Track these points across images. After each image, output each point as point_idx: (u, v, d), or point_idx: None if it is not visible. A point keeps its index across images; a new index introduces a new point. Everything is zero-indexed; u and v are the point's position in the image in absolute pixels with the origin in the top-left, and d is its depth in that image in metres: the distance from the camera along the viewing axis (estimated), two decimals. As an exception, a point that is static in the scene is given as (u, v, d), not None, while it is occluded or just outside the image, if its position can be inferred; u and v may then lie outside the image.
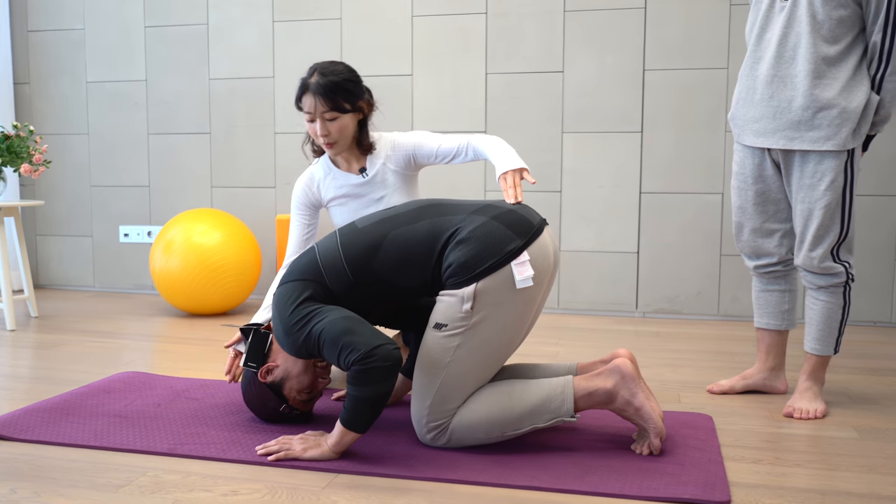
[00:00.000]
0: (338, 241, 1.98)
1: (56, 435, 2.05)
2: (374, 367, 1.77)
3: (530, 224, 1.94)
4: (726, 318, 3.74)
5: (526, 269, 1.87)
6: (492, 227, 1.90)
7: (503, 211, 1.95)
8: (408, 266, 1.92)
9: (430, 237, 1.92)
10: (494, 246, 1.88)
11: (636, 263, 3.82)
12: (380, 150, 2.50)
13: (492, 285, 1.87)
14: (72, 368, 2.81)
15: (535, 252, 1.91)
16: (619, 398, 1.91)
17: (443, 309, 1.91)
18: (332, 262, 1.95)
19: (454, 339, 1.90)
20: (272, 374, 2.07)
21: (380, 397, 1.80)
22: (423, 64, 3.99)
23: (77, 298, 4.31)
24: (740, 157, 2.44)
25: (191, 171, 4.36)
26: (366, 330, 1.82)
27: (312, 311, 1.90)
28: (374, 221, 2.00)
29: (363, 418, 1.82)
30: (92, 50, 4.44)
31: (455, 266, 1.88)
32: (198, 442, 2.00)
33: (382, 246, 1.93)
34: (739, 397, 2.45)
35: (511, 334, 1.93)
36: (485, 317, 1.88)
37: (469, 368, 1.91)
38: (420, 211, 1.99)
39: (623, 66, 3.75)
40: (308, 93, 2.34)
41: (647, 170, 3.77)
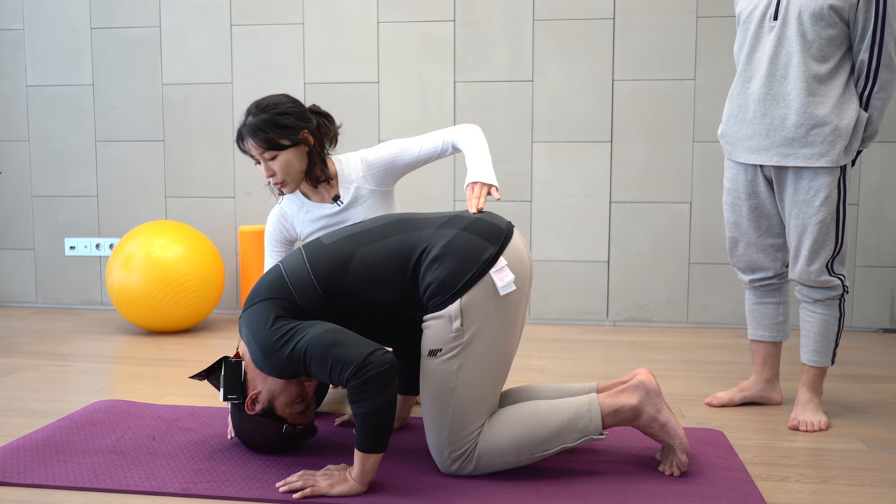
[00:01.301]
0: (304, 257, 1.93)
1: (53, 477, 1.91)
2: (372, 377, 1.72)
3: (500, 229, 1.92)
4: (696, 325, 3.81)
5: (506, 275, 1.85)
6: (464, 239, 1.87)
7: (471, 220, 1.93)
8: (379, 283, 1.88)
9: (400, 253, 1.89)
10: (470, 257, 1.85)
11: (606, 272, 3.84)
12: (348, 173, 2.39)
13: (476, 297, 1.84)
14: (41, 397, 2.63)
15: (510, 256, 1.89)
16: (645, 414, 1.90)
17: (433, 334, 1.86)
18: (300, 279, 1.89)
19: (453, 362, 1.85)
20: (259, 402, 1.98)
21: (386, 406, 1.74)
22: (390, 71, 3.91)
23: (20, 316, 4.07)
24: (732, 174, 2.46)
25: (143, 181, 4.16)
26: (352, 340, 1.77)
27: (291, 329, 1.83)
28: (340, 238, 1.95)
29: (378, 434, 1.76)
30: (33, 52, 4.19)
31: (435, 285, 1.84)
32: (211, 480, 1.90)
33: (352, 263, 1.89)
34: (739, 409, 2.48)
35: (507, 343, 1.90)
36: (477, 331, 1.84)
37: (476, 388, 1.86)
38: (388, 227, 1.95)
39: (593, 76, 3.77)
40: (244, 138, 2.25)
41: (617, 179, 3.80)
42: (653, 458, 2.03)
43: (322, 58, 3.96)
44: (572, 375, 2.90)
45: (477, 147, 2.25)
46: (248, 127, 2.23)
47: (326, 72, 3.96)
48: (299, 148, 2.28)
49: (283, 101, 2.27)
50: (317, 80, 3.97)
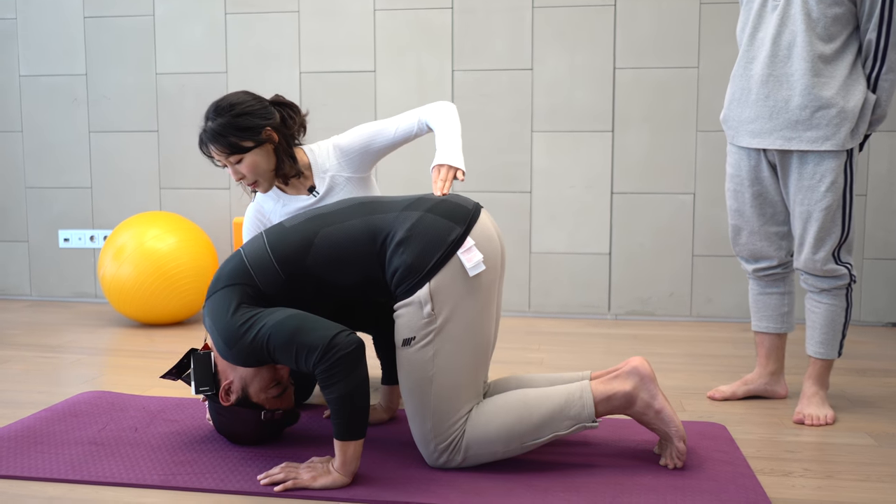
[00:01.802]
0: (265, 241, 1.87)
1: (28, 468, 1.84)
2: (339, 359, 1.66)
3: (466, 210, 1.86)
4: (700, 319, 3.72)
5: (474, 255, 1.79)
6: (429, 221, 1.81)
7: (435, 202, 1.88)
8: (343, 264, 1.83)
9: (363, 235, 1.83)
10: (436, 239, 1.79)
11: (608, 265, 3.77)
12: (322, 162, 2.32)
13: (445, 280, 1.78)
14: (26, 388, 2.57)
15: (478, 236, 1.83)
16: (639, 401, 1.82)
17: (405, 322, 1.80)
18: (260, 263, 1.84)
19: (428, 350, 1.79)
20: (233, 392, 1.91)
21: (358, 388, 1.68)
22: (387, 60, 3.84)
23: (13, 308, 4.01)
24: (735, 160, 2.39)
25: (137, 172, 4.10)
26: (315, 324, 1.72)
27: (252, 316, 1.77)
28: (302, 220, 1.89)
29: (354, 419, 1.69)
30: (25, 41, 4.13)
31: (402, 270, 1.79)
32: (191, 471, 1.83)
33: (314, 243, 1.83)
34: (742, 403, 2.41)
35: (483, 325, 1.83)
36: (449, 315, 1.78)
37: (456, 374, 1.79)
38: (351, 209, 1.89)
39: (594, 64, 3.69)
40: (206, 142, 2.16)
41: (619, 170, 3.72)
42: (650, 451, 1.96)
43: (318, 46, 3.89)
44: (572, 369, 2.83)
45: (447, 127, 2.18)
46: (208, 133, 2.14)
47: (322, 61, 3.89)
48: (264, 147, 2.19)
49: (241, 101, 2.16)
50: (312, 70, 3.90)
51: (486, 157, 3.79)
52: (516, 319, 3.76)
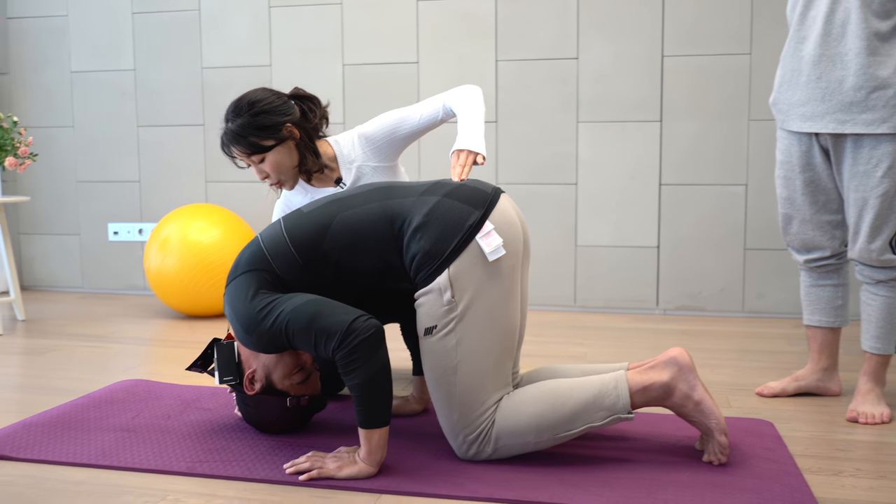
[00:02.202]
0: (282, 227, 1.84)
1: (59, 453, 1.84)
2: (358, 344, 1.63)
3: (485, 194, 1.81)
4: (752, 315, 3.59)
5: (494, 240, 1.73)
6: (446, 206, 1.77)
7: (454, 187, 1.82)
8: (360, 248, 1.78)
9: (381, 220, 1.79)
10: (454, 224, 1.74)
11: (656, 258, 3.66)
12: (347, 153, 2.28)
13: (464, 265, 1.72)
14: (67, 376, 2.60)
15: (497, 220, 1.77)
16: (678, 392, 1.74)
17: (426, 311, 1.75)
18: (278, 248, 1.81)
19: (450, 338, 1.73)
20: (257, 380, 1.89)
21: (379, 374, 1.64)
22: (429, 51, 3.80)
23: (65, 300, 4.08)
24: (785, 145, 2.28)
25: (183, 166, 4.14)
26: (333, 309, 1.68)
27: (270, 302, 1.75)
28: (320, 205, 1.86)
29: (376, 405, 1.65)
30: (76, 38, 4.21)
31: (420, 256, 1.74)
32: (219, 459, 1.81)
33: (332, 227, 1.80)
34: (792, 400, 2.30)
35: (506, 312, 1.77)
36: (470, 301, 1.72)
37: (480, 363, 1.74)
38: (369, 194, 1.85)
39: (640, 52, 3.59)
40: (227, 144, 2.14)
41: (667, 160, 3.61)
42: (690, 447, 1.87)
43: (361, 38, 3.86)
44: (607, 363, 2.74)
45: (469, 111, 2.12)
46: (228, 134, 2.12)
47: (365, 53, 3.86)
48: (285, 145, 2.16)
49: (259, 98, 2.13)
50: (355, 62, 3.87)
51: (530, 148, 3.72)
52: (561, 314, 3.68)
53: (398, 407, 2.15)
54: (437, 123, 2.25)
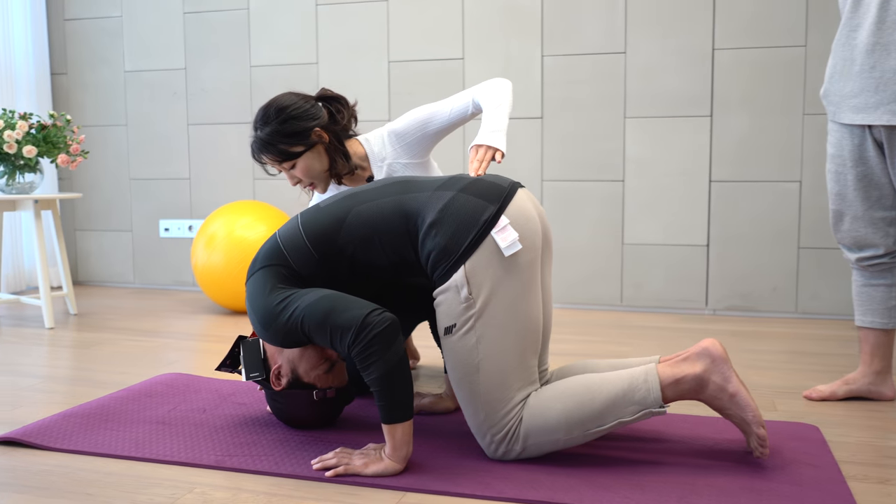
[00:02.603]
0: (299, 222, 1.84)
1: (94, 444, 1.87)
2: (374, 338, 1.61)
3: (500, 188, 1.77)
4: (805, 316, 3.47)
5: (509, 234, 1.69)
6: (461, 201, 1.74)
7: (469, 182, 1.79)
8: (375, 243, 1.77)
9: (396, 215, 1.77)
10: (469, 220, 1.71)
11: (706, 257, 3.57)
12: (378, 151, 2.27)
13: (480, 261, 1.69)
14: (111, 369, 2.64)
15: (513, 214, 1.73)
16: (711, 384, 1.68)
17: (444, 310, 1.73)
18: (294, 243, 1.81)
19: (471, 336, 1.70)
20: (283, 376, 1.89)
21: (396, 367, 1.62)
22: (475, 47, 3.77)
23: (117, 295, 4.17)
24: (837, 138, 2.18)
25: (232, 163, 4.19)
26: (347, 304, 1.67)
27: (287, 297, 1.75)
28: (337, 199, 1.86)
29: (397, 399, 1.63)
30: (130, 38, 4.29)
31: (436, 254, 1.71)
32: (248, 454, 1.81)
33: (346, 220, 1.79)
34: (842, 405, 2.20)
35: (527, 307, 1.72)
36: (489, 298, 1.69)
37: (503, 361, 1.70)
38: (385, 188, 1.83)
39: (690, 46, 3.50)
40: (257, 152, 2.15)
41: (718, 156, 3.51)
42: (729, 450, 1.81)
43: (406, 35, 3.85)
44: (657, 363, 2.68)
45: (495, 106, 2.09)
46: (258, 142, 2.13)
47: (410, 49, 3.85)
48: (315, 149, 2.17)
49: (287, 105, 2.12)
50: (401, 59, 3.87)
51: (577, 144, 3.66)
52: (607, 313, 3.61)
53: (432, 404, 2.13)
54: (468, 118, 2.23)
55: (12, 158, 3.25)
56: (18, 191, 3.32)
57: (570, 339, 3.07)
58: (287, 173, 2.19)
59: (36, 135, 3.27)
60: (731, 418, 1.71)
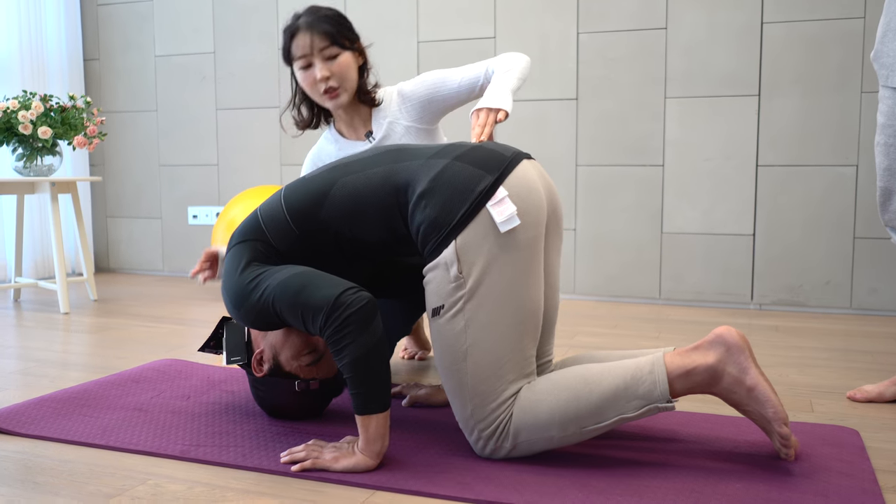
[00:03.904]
0: (281, 194, 1.70)
1: (59, 430, 1.76)
2: (346, 319, 1.44)
3: (501, 157, 1.59)
4: (861, 311, 3.19)
5: (506, 208, 1.51)
6: (455, 169, 1.56)
7: (467, 149, 1.61)
8: (360, 216, 1.61)
9: (385, 185, 1.60)
10: (462, 190, 1.53)
11: (751, 248, 3.31)
12: (384, 106, 2.14)
13: (473, 237, 1.51)
14: (110, 354, 2.55)
15: (513, 185, 1.54)
16: (727, 376, 1.48)
17: (433, 289, 1.56)
18: (273, 217, 1.67)
19: (459, 319, 1.52)
20: (265, 361, 1.75)
21: (372, 351, 1.45)
22: (507, 25, 3.58)
23: (144, 283, 4.11)
24: (889, 106, 1.94)
25: (260, 148, 4.09)
26: (319, 281, 1.50)
27: (258, 275, 1.60)
28: (324, 170, 1.70)
29: (371, 388, 1.46)
30: (160, 22, 4.23)
31: (426, 226, 1.55)
32: (216, 444, 1.67)
33: (330, 193, 1.63)
34: (890, 407, 1.96)
35: (525, 290, 1.53)
36: (480, 277, 1.51)
37: (493, 347, 1.52)
38: (375, 157, 1.67)
39: (737, 20, 3.25)
40: (300, 32, 2.00)
41: (766, 139, 3.25)
42: (749, 453, 1.59)
43: (436, 14, 3.69)
44: (688, 359, 2.45)
45: (503, 71, 1.94)
46: (306, 22, 2.01)
47: (441, 29, 3.68)
48: (356, 57, 2.08)
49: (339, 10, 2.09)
50: (431, 38, 3.70)
51: (613, 127, 3.44)
52: (643, 307, 3.38)
53: (427, 396, 1.96)
54: (477, 91, 2.06)
55: (30, 140, 3.20)
56: (36, 173, 3.27)
57: (598, 331, 2.86)
58: (321, 64, 2.02)
59: (55, 117, 3.21)
60: (749, 415, 1.49)
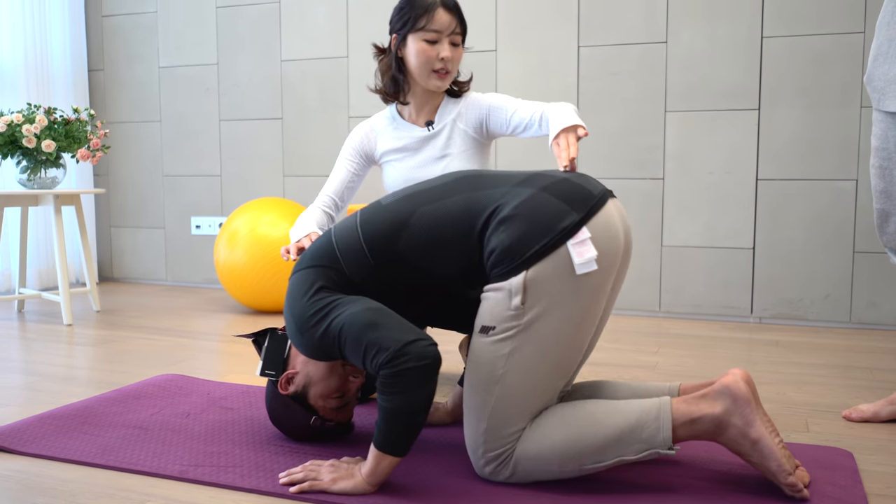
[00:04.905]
0: (357, 220, 1.66)
1: (60, 449, 1.78)
2: (407, 370, 1.43)
3: (589, 194, 1.56)
4: (860, 326, 3.20)
5: (587, 250, 1.49)
6: (541, 200, 1.54)
7: (555, 180, 1.59)
8: (439, 247, 1.57)
9: (466, 214, 1.57)
10: (545, 223, 1.51)
11: (751, 261, 3.32)
12: (455, 103, 2.20)
13: (545, 272, 1.49)
14: (112, 368, 2.57)
15: (597, 227, 1.53)
16: (731, 428, 1.48)
17: (489, 307, 1.54)
18: (349, 244, 1.63)
19: (505, 345, 1.52)
20: (293, 384, 1.75)
21: (417, 408, 1.45)
22: (509, 38, 3.60)
23: (146, 293, 4.13)
24: (882, 129, 1.95)
25: (262, 159, 4.11)
26: (394, 323, 1.48)
27: (330, 303, 1.57)
28: (400, 197, 1.66)
29: (401, 437, 1.47)
30: (164, 33, 4.26)
31: (499, 252, 1.52)
32: (215, 464, 1.69)
33: (409, 223, 1.60)
34: (886, 427, 1.97)
35: (576, 334, 1.53)
36: (541, 313, 1.50)
37: (527, 381, 1.52)
38: (455, 184, 1.64)
39: (737, 34, 3.26)
40: (439, 8, 2.07)
41: (766, 153, 3.26)
42: (741, 475, 1.60)
43: (438, 26, 3.70)
44: (688, 376, 2.47)
45: (559, 105, 2.00)
46: (450, 2, 2.10)
47: (442, 41, 3.70)
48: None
49: None
50: (432, 51, 3.72)
51: (614, 140, 3.46)
52: (643, 319, 3.39)
53: (425, 415, 1.97)
54: (522, 128, 2.12)
55: (34, 153, 3.23)
56: (40, 185, 3.30)
57: (599, 345, 2.88)
58: (447, 46, 2.11)
59: (58, 129, 3.24)
60: (754, 466, 1.50)
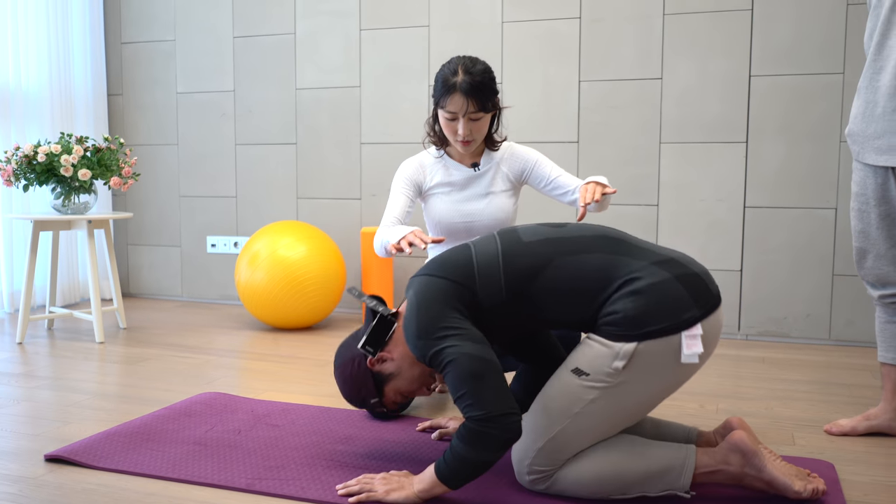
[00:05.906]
0: (499, 248, 1.78)
1: (135, 464, 1.99)
2: (490, 435, 1.62)
3: (711, 295, 1.72)
4: (839, 343, 3.46)
5: (696, 344, 1.65)
6: (672, 287, 1.68)
7: (688, 273, 1.73)
8: (569, 298, 1.72)
9: (602, 273, 1.72)
10: (670, 308, 1.66)
11: (739, 282, 3.58)
12: (498, 152, 2.48)
13: (653, 350, 1.66)
14: (155, 386, 2.78)
15: (708, 327, 1.70)
16: (746, 478, 1.73)
17: (590, 356, 1.71)
18: (488, 271, 1.75)
19: (592, 392, 1.71)
20: (382, 365, 1.90)
21: (487, 464, 1.66)
22: (513, 72, 3.84)
23: (165, 309, 4.34)
24: (861, 177, 2.20)
25: (277, 182, 4.33)
26: (496, 384, 1.64)
27: (456, 329, 1.69)
28: (540, 238, 1.79)
29: (461, 477, 1.68)
30: (182, 61, 4.47)
31: (621, 316, 1.67)
32: (276, 477, 1.91)
33: (546, 270, 1.74)
34: (862, 440, 2.22)
35: (649, 403, 1.74)
36: (632, 380, 1.69)
37: (596, 426, 1.73)
38: (596, 241, 1.78)
39: (727, 72, 3.52)
40: (456, 93, 2.25)
41: (753, 182, 3.53)
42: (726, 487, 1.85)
43: (446, 58, 3.94)
44: (683, 391, 2.71)
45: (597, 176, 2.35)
46: (466, 84, 2.24)
47: (450, 73, 3.94)
48: (492, 113, 2.37)
49: (489, 66, 2.31)
50: (441, 82, 3.95)
51: (612, 169, 3.71)
52: (639, 336, 3.64)
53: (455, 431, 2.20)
54: (557, 193, 2.42)
55: (68, 181, 3.43)
56: (74, 211, 3.50)
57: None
58: (465, 122, 2.28)
59: (91, 158, 3.44)
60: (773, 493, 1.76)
